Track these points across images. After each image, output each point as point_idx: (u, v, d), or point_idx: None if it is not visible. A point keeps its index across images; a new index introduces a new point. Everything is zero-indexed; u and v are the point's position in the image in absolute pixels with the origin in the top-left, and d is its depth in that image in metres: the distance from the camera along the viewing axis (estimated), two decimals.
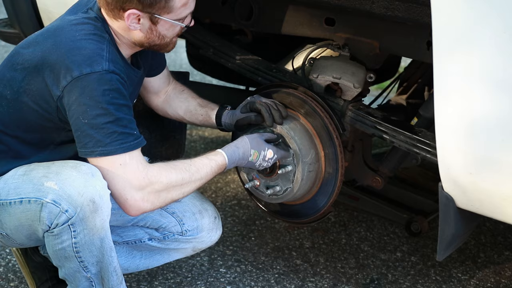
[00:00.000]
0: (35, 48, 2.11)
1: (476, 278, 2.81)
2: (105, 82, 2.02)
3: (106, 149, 2.04)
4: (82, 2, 2.25)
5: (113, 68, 2.04)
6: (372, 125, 2.36)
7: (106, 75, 2.02)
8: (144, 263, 2.53)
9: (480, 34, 1.86)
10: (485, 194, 2.04)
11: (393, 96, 3.12)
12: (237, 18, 2.67)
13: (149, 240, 2.48)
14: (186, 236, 2.45)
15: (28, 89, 2.10)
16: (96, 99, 2.01)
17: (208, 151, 2.28)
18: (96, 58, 2.03)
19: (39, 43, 2.12)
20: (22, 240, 2.21)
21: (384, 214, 2.76)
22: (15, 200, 2.10)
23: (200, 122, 2.49)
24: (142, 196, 2.09)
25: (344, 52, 2.45)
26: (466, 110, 1.94)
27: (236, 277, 2.76)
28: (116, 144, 2.04)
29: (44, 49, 2.08)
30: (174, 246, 2.48)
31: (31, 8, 2.96)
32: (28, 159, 2.18)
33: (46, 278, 2.54)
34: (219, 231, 2.50)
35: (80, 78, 2.01)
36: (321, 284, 2.74)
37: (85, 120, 2.02)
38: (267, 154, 2.30)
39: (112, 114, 2.02)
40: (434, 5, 1.91)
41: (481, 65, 1.88)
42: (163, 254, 2.52)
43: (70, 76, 2.02)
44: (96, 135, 2.03)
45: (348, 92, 2.44)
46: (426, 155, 2.24)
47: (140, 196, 2.09)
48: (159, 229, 2.46)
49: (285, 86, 2.45)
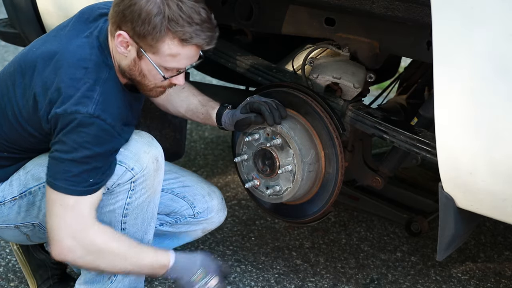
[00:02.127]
0: (32, 76, 2.11)
1: (476, 278, 2.81)
2: (85, 125, 2.02)
3: (55, 182, 2.06)
4: (84, 17, 2.22)
5: (99, 112, 2.03)
6: (372, 125, 2.36)
7: (88, 119, 2.02)
8: None
9: (480, 34, 1.86)
10: (485, 194, 2.04)
11: (393, 96, 3.12)
12: (237, 18, 2.67)
13: (160, 225, 2.51)
14: (197, 218, 2.50)
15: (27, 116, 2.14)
16: (70, 137, 2.03)
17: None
18: (84, 100, 2.02)
19: (37, 69, 2.11)
20: None
21: (384, 214, 2.76)
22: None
23: (201, 120, 2.49)
24: (70, 245, 2.08)
25: (344, 52, 2.45)
26: (466, 110, 1.94)
27: (236, 277, 2.75)
28: (65, 183, 2.05)
29: (42, 80, 2.08)
30: (185, 229, 2.51)
31: (31, 8, 2.95)
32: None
33: (47, 276, 2.56)
34: (225, 211, 2.57)
35: (63, 115, 2.03)
36: (321, 284, 2.74)
37: (54, 150, 2.06)
38: (211, 283, 2.21)
39: (79, 157, 2.03)
40: (434, 5, 1.91)
41: (481, 65, 1.88)
42: (173, 238, 2.55)
43: (55, 111, 2.03)
44: (53, 167, 2.07)
45: (348, 92, 2.43)
46: (426, 155, 2.24)
47: (68, 244, 2.08)
48: (171, 214, 2.50)
49: (285, 86, 2.45)
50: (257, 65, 2.63)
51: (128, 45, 2.07)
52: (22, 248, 2.56)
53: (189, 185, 2.48)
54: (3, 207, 2.26)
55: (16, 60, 2.22)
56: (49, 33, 2.27)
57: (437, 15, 1.91)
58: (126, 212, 2.19)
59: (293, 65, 2.63)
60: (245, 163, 2.47)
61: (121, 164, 2.14)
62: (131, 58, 2.09)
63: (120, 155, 2.14)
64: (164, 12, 2.00)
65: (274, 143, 2.36)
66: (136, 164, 2.15)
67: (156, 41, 2.03)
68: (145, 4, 2.00)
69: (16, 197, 2.24)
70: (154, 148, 2.19)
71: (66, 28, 2.21)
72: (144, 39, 2.04)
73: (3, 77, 2.22)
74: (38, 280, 2.56)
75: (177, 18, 2.00)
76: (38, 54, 2.16)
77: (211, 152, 3.84)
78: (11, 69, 2.20)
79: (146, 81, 2.14)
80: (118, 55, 2.12)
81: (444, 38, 1.91)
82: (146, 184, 2.18)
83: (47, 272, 2.56)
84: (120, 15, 2.03)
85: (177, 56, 2.07)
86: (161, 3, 2.00)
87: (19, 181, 2.24)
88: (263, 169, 2.42)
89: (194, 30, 2.02)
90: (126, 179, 2.15)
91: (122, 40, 2.06)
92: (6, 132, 2.19)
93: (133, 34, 2.04)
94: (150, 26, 2.00)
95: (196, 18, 2.02)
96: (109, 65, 2.12)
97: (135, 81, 2.16)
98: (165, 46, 2.04)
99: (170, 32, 2.01)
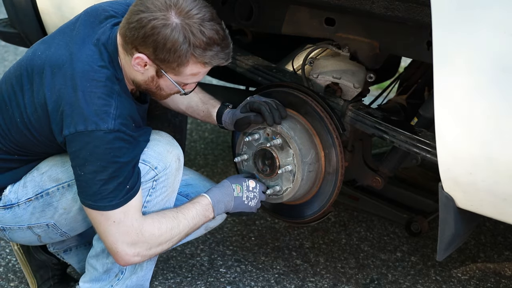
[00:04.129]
0: (41, 83, 2.10)
1: (476, 278, 2.81)
2: (108, 141, 2.03)
3: (96, 204, 2.07)
4: (90, 19, 2.19)
5: (118, 126, 2.04)
6: (372, 125, 2.36)
7: (110, 134, 2.02)
8: None
9: (480, 34, 1.86)
10: (485, 194, 2.04)
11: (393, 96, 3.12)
12: (237, 18, 2.67)
13: None
14: None
15: (33, 122, 2.13)
16: (96, 156, 2.03)
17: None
18: (103, 116, 2.02)
19: (45, 76, 2.09)
20: (73, 224, 2.26)
21: (384, 214, 2.76)
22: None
23: (201, 118, 2.49)
24: (134, 252, 2.14)
25: (344, 52, 2.45)
26: (466, 110, 1.94)
27: (236, 277, 2.76)
28: (105, 201, 2.06)
29: (52, 90, 2.07)
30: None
31: (31, 8, 2.95)
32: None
33: (48, 276, 2.56)
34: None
35: (84, 133, 2.02)
36: (321, 284, 2.74)
37: (81, 172, 2.06)
38: (249, 184, 2.33)
39: (109, 173, 2.04)
40: (434, 5, 1.91)
41: (481, 65, 1.88)
42: None
43: (74, 128, 2.03)
44: (89, 189, 2.07)
45: (348, 92, 2.44)
46: (426, 155, 2.24)
47: (132, 252, 2.13)
48: None
49: (285, 86, 2.45)
50: (257, 65, 2.63)
51: (146, 65, 2.08)
52: (22, 248, 2.56)
53: (191, 184, 2.48)
54: (17, 209, 2.25)
55: (22, 63, 2.19)
56: (54, 35, 2.23)
57: (437, 15, 1.91)
58: (144, 210, 2.19)
59: (293, 65, 2.63)
60: (245, 163, 2.47)
61: (145, 163, 2.16)
62: (149, 76, 2.11)
63: (144, 154, 2.16)
64: (189, 40, 2.01)
65: (274, 143, 2.36)
66: (159, 163, 2.17)
67: (179, 66, 2.06)
68: (170, 34, 2.00)
69: (31, 198, 2.24)
70: (176, 148, 2.22)
71: (72, 31, 2.17)
72: (167, 64, 2.05)
73: (9, 81, 2.19)
74: (38, 280, 2.56)
75: (200, 43, 2.02)
76: (44, 59, 2.13)
77: (211, 152, 3.84)
78: (18, 72, 2.18)
79: (161, 92, 2.18)
80: (132, 71, 2.11)
81: (444, 38, 1.91)
82: (167, 183, 2.20)
83: (48, 273, 2.56)
84: (140, 40, 2.03)
85: (198, 74, 2.11)
86: (185, 31, 2.01)
87: (34, 183, 2.23)
88: (263, 169, 2.42)
89: (216, 52, 2.06)
90: (148, 177, 2.17)
91: (140, 62, 2.07)
92: (15, 136, 2.18)
93: (155, 58, 2.05)
94: (175, 55, 2.02)
95: (217, 38, 2.05)
96: (119, 78, 2.12)
97: (149, 92, 2.19)
98: (187, 68, 2.07)
99: (194, 57, 2.04)
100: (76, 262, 2.58)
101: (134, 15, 2.03)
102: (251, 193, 2.33)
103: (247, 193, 2.32)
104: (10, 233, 2.31)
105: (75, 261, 2.58)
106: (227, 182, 2.33)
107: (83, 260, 2.53)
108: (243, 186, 2.33)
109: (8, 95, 2.18)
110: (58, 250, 2.55)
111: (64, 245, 2.54)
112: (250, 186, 2.34)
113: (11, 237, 2.33)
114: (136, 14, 2.02)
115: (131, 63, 2.08)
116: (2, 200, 2.25)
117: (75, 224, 2.28)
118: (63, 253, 2.56)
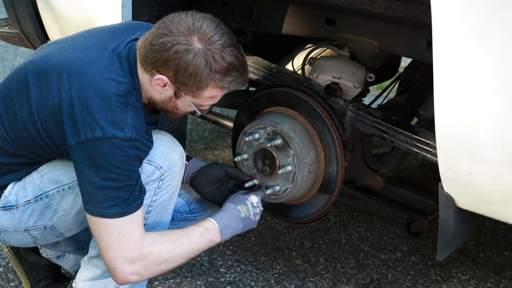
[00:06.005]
0: (59, 82, 2.07)
1: (476, 278, 2.81)
2: (124, 149, 2.03)
3: (107, 211, 2.06)
4: (122, 28, 2.19)
5: (135, 135, 2.04)
6: (372, 125, 2.36)
7: (126, 142, 2.03)
8: None
9: (480, 34, 1.86)
10: (485, 194, 2.04)
11: (393, 96, 3.12)
12: (237, 18, 2.67)
13: None
14: (194, 214, 2.49)
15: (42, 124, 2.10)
16: (112, 163, 2.02)
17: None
18: (120, 124, 2.02)
19: (62, 77, 2.07)
20: (72, 225, 2.25)
21: (384, 214, 2.76)
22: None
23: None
24: (132, 269, 2.12)
25: (344, 52, 2.45)
26: (466, 110, 1.94)
27: (236, 277, 2.76)
28: (118, 208, 2.05)
29: (68, 93, 2.05)
30: (183, 225, 2.49)
31: (31, 8, 2.95)
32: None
33: (40, 277, 2.55)
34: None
35: (101, 139, 2.01)
36: (321, 284, 2.74)
37: (95, 179, 2.04)
38: (253, 201, 2.33)
39: (123, 181, 2.04)
40: (434, 5, 1.91)
41: (481, 65, 1.88)
42: None
43: (92, 134, 2.01)
44: (100, 196, 2.05)
45: (348, 92, 2.44)
46: (426, 155, 2.24)
47: (130, 269, 2.11)
48: None
49: (285, 86, 2.45)
50: (257, 65, 2.63)
51: (166, 85, 2.09)
52: (12, 250, 2.54)
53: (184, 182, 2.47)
54: (15, 211, 2.24)
55: (36, 62, 2.15)
56: (73, 36, 2.22)
57: (437, 15, 1.91)
58: (150, 209, 2.19)
59: (293, 65, 2.63)
60: (245, 163, 2.47)
61: (150, 163, 2.15)
62: (167, 95, 2.13)
63: (148, 154, 2.15)
64: (210, 65, 2.03)
65: (274, 143, 2.36)
66: (164, 162, 2.17)
67: (198, 89, 2.08)
68: (192, 59, 2.02)
69: (30, 200, 2.22)
70: (178, 146, 2.23)
71: (95, 37, 2.17)
72: (187, 86, 2.08)
73: (12, 83, 2.16)
74: (31, 281, 2.55)
75: (221, 69, 2.05)
76: (62, 60, 2.11)
77: (211, 152, 3.84)
78: (24, 71, 2.15)
79: (177, 111, 2.20)
80: (150, 88, 2.12)
81: (444, 38, 1.91)
82: (172, 181, 2.20)
83: (40, 274, 2.55)
84: (161, 62, 2.04)
85: (215, 97, 2.14)
86: (207, 56, 2.03)
87: (34, 185, 2.22)
88: (263, 168, 2.42)
89: (235, 78, 2.09)
90: (155, 177, 2.17)
91: (160, 82, 2.08)
92: (19, 137, 2.15)
93: (175, 81, 2.07)
94: (196, 79, 2.05)
95: (236, 64, 2.07)
96: (136, 89, 2.12)
97: (165, 111, 2.21)
98: (206, 92, 2.09)
99: (213, 81, 2.07)
100: (70, 267, 2.56)
101: (157, 38, 2.04)
102: (257, 209, 2.33)
103: (253, 210, 2.31)
104: (5, 235, 2.28)
105: (70, 265, 2.56)
106: (231, 205, 2.30)
107: (77, 265, 2.50)
108: (248, 205, 2.31)
109: (17, 92, 2.14)
110: (51, 256, 2.53)
111: (57, 251, 2.52)
112: (254, 202, 2.32)
113: (5, 239, 2.30)
114: (160, 37, 2.04)
115: (149, 82, 2.10)
116: (2, 200, 2.24)
117: (73, 226, 2.27)
118: (56, 259, 2.54)
